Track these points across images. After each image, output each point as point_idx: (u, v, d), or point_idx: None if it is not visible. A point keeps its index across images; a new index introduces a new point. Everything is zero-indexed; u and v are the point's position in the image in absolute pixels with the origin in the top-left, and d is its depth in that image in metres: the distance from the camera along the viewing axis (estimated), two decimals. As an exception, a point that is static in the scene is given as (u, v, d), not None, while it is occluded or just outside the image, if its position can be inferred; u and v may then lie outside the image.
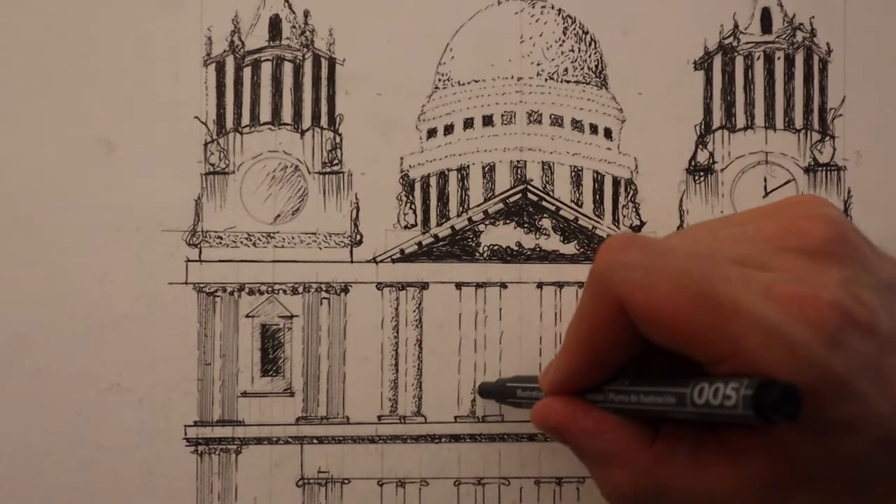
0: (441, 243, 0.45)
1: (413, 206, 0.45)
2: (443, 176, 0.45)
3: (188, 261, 0.44)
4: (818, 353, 0.27)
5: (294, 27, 0.45)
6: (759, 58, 0.45)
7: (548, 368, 0.35)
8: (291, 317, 0.44)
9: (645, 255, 0.30)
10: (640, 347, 0.31)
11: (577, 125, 0.45)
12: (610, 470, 0.32)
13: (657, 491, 0.31)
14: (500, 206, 0.45)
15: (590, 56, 0.45)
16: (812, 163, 0.45)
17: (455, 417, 0.44)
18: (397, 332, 0.44)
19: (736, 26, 0.45)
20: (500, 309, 0.44)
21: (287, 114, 0.45)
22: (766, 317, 0.28)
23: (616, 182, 0.45)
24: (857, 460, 0.29)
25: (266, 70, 0.45)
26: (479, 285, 0.44)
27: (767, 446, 0.29)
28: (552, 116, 0.45)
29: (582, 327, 0.32)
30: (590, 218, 0.45)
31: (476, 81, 0.45)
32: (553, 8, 0.45)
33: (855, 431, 0.28)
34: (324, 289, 0.44)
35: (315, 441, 0.44)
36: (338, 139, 0.44)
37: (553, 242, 0.45)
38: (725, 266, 0.30)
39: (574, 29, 0.45)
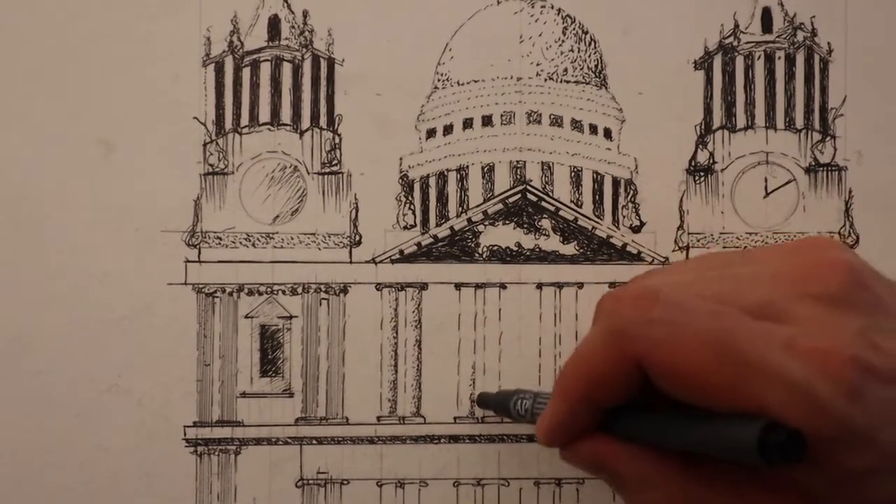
0: (440, 244, 0.45)
1: (412, 207, 0.44)
2: (442, 176, 0.45)
3: (187, 261, 0.44)
4: (841, 408, 0.28)
5: (293, 27, 0.45)
6: (759, 57, 0.45)
7: (543, 416, 0.35)
8: (290, 317, 0.44)
9: (669, 312, 0.31)
10: (638, 394, 0.32)
11: (576, 125, 0.45)
12: (647, 494, 0.33)
13: None
14: (500, 206, 0.45)
15: (589, 56, 0.45)
16: (813, 163, 0.45)
17: (454, 418, 0.44)
18: (396, 332, 0.44)
19: (736, 26, 0.45)
20: (500, 310, 0.44)
21: (286, 114, 0.44)
22: (789, 373, 0.28)
23: (616, 182, 0.45)
24: None
25: (265, 70, 0.44)
26: (478, 286, 0.44)
27: (797, 486, 0.30)
28: (552, 116, 0.45)
29: (589, 373, 0.33)
30: (589, 218, 0.45)
31: (475, 81, 0.45)
32: (552, 8, 0.45)
33: (878, 478, 0.29)
34: (323, 289, 0.44)
35: (314, 442, 0.44)
36: (337, 139, 0.44)
37: (552, 243, 0.45)
38: (748, 322, 0.30)
39: (574, 29, 0.45)
